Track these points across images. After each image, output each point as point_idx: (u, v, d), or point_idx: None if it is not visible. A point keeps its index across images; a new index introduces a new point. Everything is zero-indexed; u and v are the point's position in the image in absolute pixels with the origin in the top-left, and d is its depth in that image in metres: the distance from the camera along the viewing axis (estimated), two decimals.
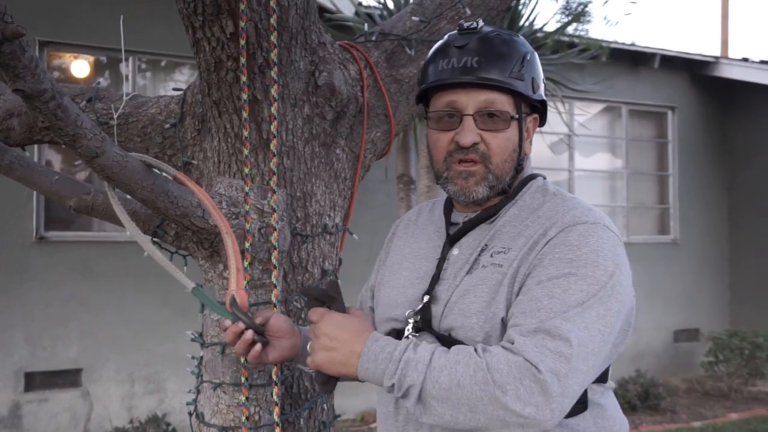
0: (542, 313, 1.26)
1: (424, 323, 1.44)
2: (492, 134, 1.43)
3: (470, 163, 1.43)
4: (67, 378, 6.02)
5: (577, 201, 1.46)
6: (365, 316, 1.43)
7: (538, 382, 1.20)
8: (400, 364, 1.29)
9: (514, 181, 1.49)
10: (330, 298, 1.43)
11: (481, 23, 1.49)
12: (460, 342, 1.36)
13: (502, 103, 1.43)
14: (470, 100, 1.43)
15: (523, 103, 1.47)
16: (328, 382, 1.42)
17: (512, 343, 1.25)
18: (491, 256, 1.42)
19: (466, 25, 1.49)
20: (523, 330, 1.26)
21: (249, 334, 1.48)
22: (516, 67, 1.43)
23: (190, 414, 1.91)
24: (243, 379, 1.73)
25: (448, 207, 1.58)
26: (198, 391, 1.89)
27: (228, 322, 1.50)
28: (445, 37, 1.54)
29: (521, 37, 1.52)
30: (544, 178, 1.56)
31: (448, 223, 1.55)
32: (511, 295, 1.35)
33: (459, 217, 1.53)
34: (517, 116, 1.45)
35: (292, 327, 1.56)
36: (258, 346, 1.49)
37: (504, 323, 1.35)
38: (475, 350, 1.28)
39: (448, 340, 1.38)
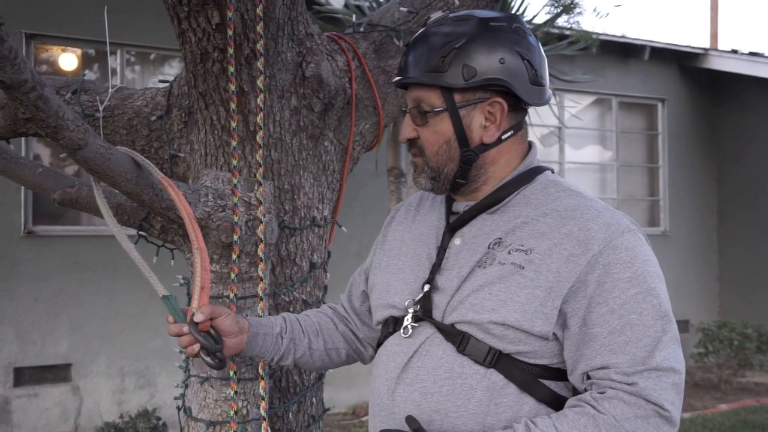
0: (631, 347, 1.30)
1: (425, 312, 1.43)
2: (422, 129, 1.48)
3: (415, 156, 1.52)
4: (57, 373, 5.99)
5: (595, 201, 1.43)
6: None
7: (663, 418, 1.28)
8: None
9: (467, 172, 1.46)
10: None
11: (435, 15, 1.50)
12: (461, 333, 1.35)
13: (429, 97, 1.45)
14: (408, 99, 1.50)
15: (466, 93, 1.43)
16: None
17: (629, 385, 1.28)
18: (509, 253, 1.38)
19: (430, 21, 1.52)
20: (628, 371, 1.29)
21: (196, 347, 1.50)
22: (437, 59, 1.42)
23: (179, 408, 1.90)
24: (231, 373, 1.72)
25: (450, 196, 1.56)
26: (186, 386, 1.88)
27: (171, 318, 1.53)
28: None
29: (466, 23, 1.45)
30: (552, 171, 1.53)
31: (449, 212, 1.53)
32: (552, 310, 1.33)
33: (459, 206, 1.51)
34: (442, 108, 1.44)
35: (239, 327, 1.57)
36: (196, 346, 1.50)
37: (524, 332, 1.33)
38: (590, 404, 1.29)
39: (450, 332, 1.38)
